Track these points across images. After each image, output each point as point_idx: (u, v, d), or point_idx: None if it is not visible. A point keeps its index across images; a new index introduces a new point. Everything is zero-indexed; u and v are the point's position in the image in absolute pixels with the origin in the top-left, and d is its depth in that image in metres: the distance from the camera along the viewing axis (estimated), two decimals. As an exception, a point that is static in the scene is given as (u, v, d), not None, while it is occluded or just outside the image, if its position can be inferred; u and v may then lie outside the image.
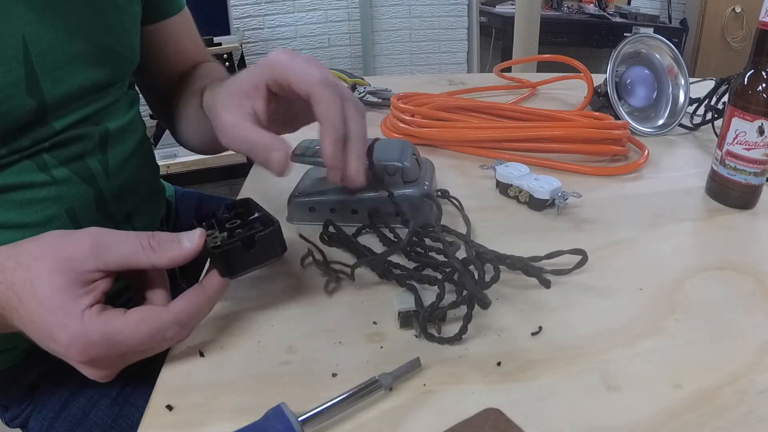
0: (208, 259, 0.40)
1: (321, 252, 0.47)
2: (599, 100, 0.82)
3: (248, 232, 0.38)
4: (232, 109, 0.42)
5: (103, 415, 0.54)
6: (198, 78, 0.64)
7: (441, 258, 0.46)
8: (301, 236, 0.50)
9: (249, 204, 0.43)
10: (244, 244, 0.37)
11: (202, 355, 0.39)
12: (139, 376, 0.55)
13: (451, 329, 0.40)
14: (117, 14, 0.55)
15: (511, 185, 0.59)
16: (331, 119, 0.40)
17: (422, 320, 0.39)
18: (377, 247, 0.50)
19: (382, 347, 0.39)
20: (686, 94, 0.79)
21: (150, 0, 0.62)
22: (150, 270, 0.38)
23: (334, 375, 0.37)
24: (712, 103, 0.80)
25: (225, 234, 0.39)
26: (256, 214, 0.41)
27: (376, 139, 0.51)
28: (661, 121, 0.80)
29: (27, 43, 0.46)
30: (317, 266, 0.46)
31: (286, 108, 0.46)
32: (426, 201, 0.51)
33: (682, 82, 0.79)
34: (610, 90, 0.77)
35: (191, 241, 0.36)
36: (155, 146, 1.87)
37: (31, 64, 0.47)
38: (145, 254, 0.35)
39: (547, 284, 0.45)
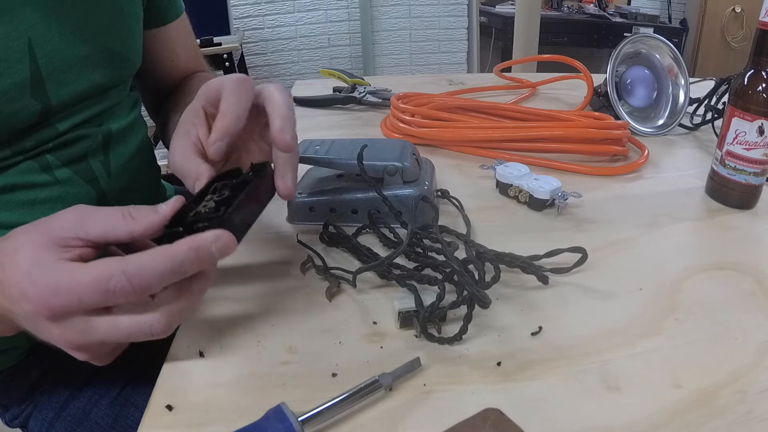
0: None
1: (321, 258, 0.47)
2: (599, 100, 0.82)
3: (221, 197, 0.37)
4: (177, 139, 0.42)
5: (103, 415, 0.54)
6: (187, 93, 0.65)
7: (441, 258, 0.46)
8: (300, 242, 0.50)
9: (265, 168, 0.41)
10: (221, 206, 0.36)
11: (202, 355, 0.39)
12: (139, 376, 0.55)
13: (451, 329, 0.40)
14: (121, 17, 0.55)
15: (511, 185, 0.59)
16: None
17: (422, 320, 0.39)
18: (377, 247, 0.50)
19: (382, 347, 0.39)
20: (686, 94, 0.79)
21: (150, 6, 0.62)
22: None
23: (334, 375, 0.37)
24: (712, 103, 0.80)
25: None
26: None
27: (365, 146, 0.50)
28: (661, 121, 0.80)
29: (33, 46, 0.46)
30: (318, 272, 0.47)
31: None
32: (423, 202, 0.51)
33: (682, 82, 0.79)
34: (610, 90, 0.77)
35: (168, 205, 0.36)
36: (155, 146, 1.87)
37: (37, 66, 0.47)
38: (125, 222, 0.34)
39: (545, 280, 0.45)
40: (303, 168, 0.56)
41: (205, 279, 0.36)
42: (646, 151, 0.69)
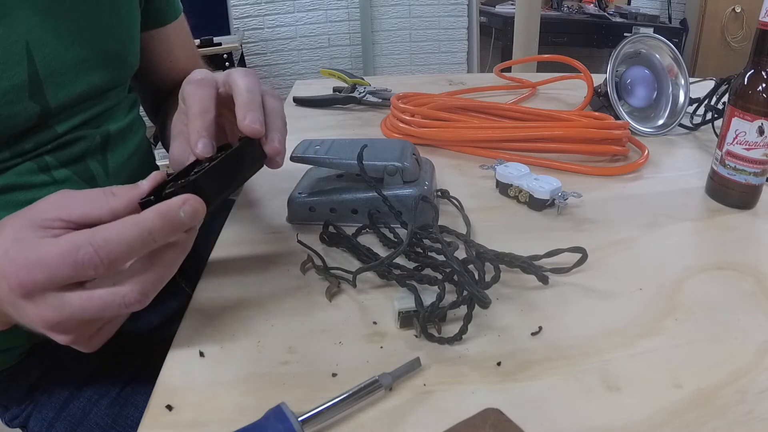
0: None
1: (321, 258, 0.47)
2: (599, 100, 0.82)
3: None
4: (174, 139, 0.44)
5: (103, 415, 0.54)
6: None
7: (441, 258, 0.46)
8: (300, 242, 0.50)
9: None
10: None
11: (202, 355, 0.39)
12: (139, 376, 0.55)
13: (451, 329, 0.40)
14: (118, 19, 0.55)
15: (511, 185, 0.59)
16: (246, 97, 0.41)
17: (422, 320, 0.39)
18: (377, 247, 0.50)
19: (382, 347, 0.39)
20: (686, 94, 0.79)
21: (148, 7, 0.62)
22: None
23: (334, 375, 0.37)
24: (712, 103, 0.80)
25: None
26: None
27: (365, 146, 0.51)
28: (661, 121, 0.80)
29: (31, 49, 0.46)
30: (318, 272, 0.47)
31: None
32: (423, 202, 0.51)
33: (682, 82, 0.79)
34: (610, 90, 0.77)
35: (148, 180, 0.36)
36: (155, 146, 1.87)
37: (35, 69, 0.47)
38: (105, 199, 0.34)
39: (545, 280, 0.45)
40: (303, 168, 0.56)
41: (180, 249, 0.35)
42: (646, 151, 0.69)
